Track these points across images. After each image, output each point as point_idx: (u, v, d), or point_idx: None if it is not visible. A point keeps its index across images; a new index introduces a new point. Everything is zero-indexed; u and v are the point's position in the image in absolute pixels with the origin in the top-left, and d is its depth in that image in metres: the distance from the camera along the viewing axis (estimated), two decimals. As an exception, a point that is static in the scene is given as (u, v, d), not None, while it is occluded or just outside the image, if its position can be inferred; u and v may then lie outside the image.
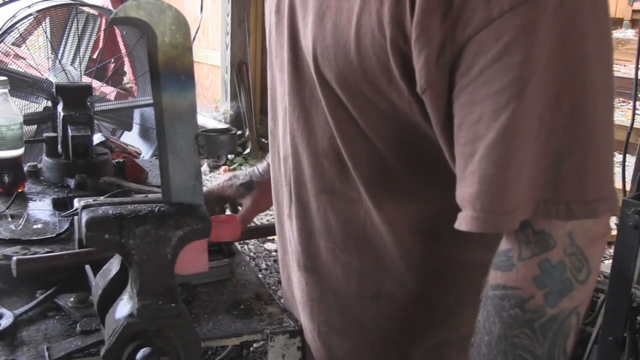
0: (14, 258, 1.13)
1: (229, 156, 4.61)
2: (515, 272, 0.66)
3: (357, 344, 0.92)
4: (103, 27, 3.34)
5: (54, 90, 1.92)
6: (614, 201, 0.65)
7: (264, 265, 3.21)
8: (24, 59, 3.20)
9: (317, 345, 0.97)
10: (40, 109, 2.85)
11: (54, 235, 1.38)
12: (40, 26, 3.08)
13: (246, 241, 3.37)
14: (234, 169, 4.58)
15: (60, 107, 1.81)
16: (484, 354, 0.70)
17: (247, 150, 4.73)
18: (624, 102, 4.94)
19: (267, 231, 2.10)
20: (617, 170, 1.54)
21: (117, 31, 3.51)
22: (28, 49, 3.20)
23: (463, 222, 0.66)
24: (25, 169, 1.74)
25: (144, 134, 3.55)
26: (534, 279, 0.65)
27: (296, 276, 0.98)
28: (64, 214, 1.48)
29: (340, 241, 0.87)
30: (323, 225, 0.88)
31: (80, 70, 3.10)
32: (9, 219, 1.49)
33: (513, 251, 0.67)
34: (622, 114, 4.72)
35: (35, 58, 3.12)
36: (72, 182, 1.67)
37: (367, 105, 0.76)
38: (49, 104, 2.67)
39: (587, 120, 0.62)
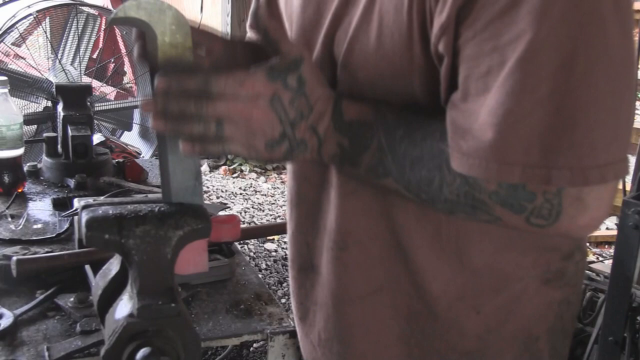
0: (14, 258, 1.13)
1: (229, 156, 4.61)
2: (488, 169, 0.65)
3: (359, 348, 0.90)
4: (103, 27, 3.35)
5: (54, 90, 1.92)
6: (624, 165, 0.63)
7: (264, 265, 3.21)
8: (24, 59, 3.20)
9: (317, 352, 0.96)
10: (40, 109, 2.85)
11: (54, 235, 1.38)
12: (40, 26, 3.08)
13: (246, 241, 3.37)
14: (234, 169, 4.58)
15: (60, 107, 1.81)
16: (427, 133, 0.70)
17: (247, 150, 4.73)
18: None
19: (267, 231, 2.11)
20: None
21: (117, 31, 3.51)
22: (28, 49, 3.20)
23: (472, 169, 0.65)
24: (25, 169, 1.74)
25: (144, 134, 3.55)
26: (500, 184, 0.65)
27: (298, 278, 0.97)
28: (64, 214, 1.48)
29: (341, 238, 0.86)
30: (326, 222, 0.87)
31: (80, 70, 3.10)
32: (9, 219, 1.49)
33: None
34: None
35: (35, 58, 3.12)
36: (72, 182, 1.67)
37: (385, 88, 0.75)
38: (49, 104, 2.67)
39: (599, 81, 0.61)
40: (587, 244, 3.18)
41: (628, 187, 1.90)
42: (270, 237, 3.45)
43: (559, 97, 0.60)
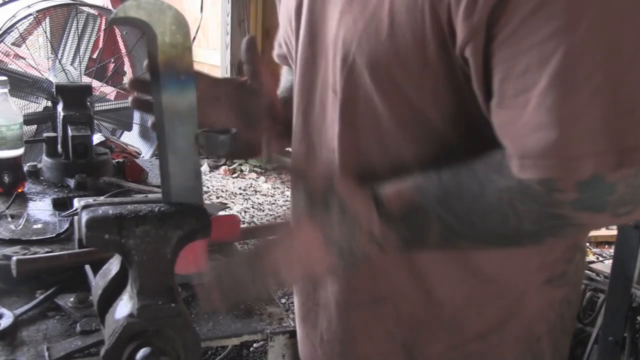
0: (14, 258, 1.13)
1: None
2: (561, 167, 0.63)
3: (361, 351, 0.89)
4: (103, 27, 3.35)
5: (54, 90, 1.92)
6: None
7: (264, 265, 3.21)
8: (24, 59, 3.20)
9: (317, 354, 0.95)
10: (40, 109, 2.85)
11: (54, 235, 1.38)
12: (40, 26, 3.08)
13: (246, 241, 3.37)
14: (234, 169, 4.58)
15: (60, 107, 1.81)
16: (481, 181, 0.67)
17: (247, 150, 4.74)
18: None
19: (267, 231, 2.11)
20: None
21: (117, 31, 3.51)
22: (28, 49, 3.20)
23: (526, 171, 0.63)
24: (25, 169, 1.74)
25: (144, 134, 3.55)
26: (578, 182, 0.62)
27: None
28: (64, 214, 1.48)
29: None
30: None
31: (80, 70, 3.11)
32: (9, 219, 1.49)
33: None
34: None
35: (35, 58, 3.12)
36: (72, 182, 1.67)
37: (395, 90, 0.72)
38: (49, 104, 2.67)
39: None
40: (587, 244, 3.18)
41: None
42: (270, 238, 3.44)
43: (614, 82, 0.60)
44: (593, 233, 3.56)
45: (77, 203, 0.86)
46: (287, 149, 0.91)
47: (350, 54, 0.74)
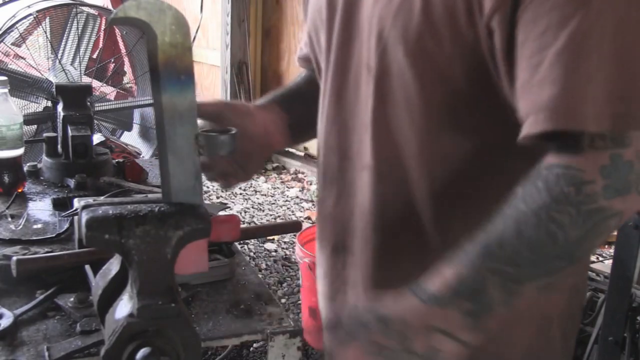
0: (14, 258, 1.13)
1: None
2: (584, 157, 0.66)
3: None
4: (103, 27, 3.35)
5: (54, 90, 1.92)
6: None
7: (264, 265, 3.22)
8: (24, 59, 3.20)
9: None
10: (40, 109, 2.85)
11: (54, 235, 1.38)
12: (40, 26, 3.08)
13: (246, 241, 3.37)
14: (234, 169, 4.58)
15: (60, 107, 1.81)
16: (512, 218, 0.69)
17: (247, 150, 4.73)
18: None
19: (267, 231, 2.11)
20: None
21: (117, 31, 3.51)
22: (28, 49, 3.20)
23: (535, 125, 0.66)
24: (25, 169, 1.73)
25: (144, 134, 3.55)
26: (601, 167, 0.65)
27: (329, 260, 0.96)
28: (64, 214, 1.48)
29: (374, 221, 0.85)
30: (361, 204, 0.87)
31: (80, 70, 3.10)
32: (9, 219, 1.49)
33: (586, 138, 0.66)
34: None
35: (35, 58, 3.12)
36: (72, 182, 1.67)
37: (426, 62, 0.76)
38: (49, 104, 2.67)
39: None
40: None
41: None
42: (270, 237, 3.45)
43: (620, 54, 0.65)
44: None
45: (77, 203, 0.86)
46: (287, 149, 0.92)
47: (385, 30, 0.77)
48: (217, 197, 4.11)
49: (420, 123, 0.79)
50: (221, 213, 1.42)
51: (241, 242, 3.14)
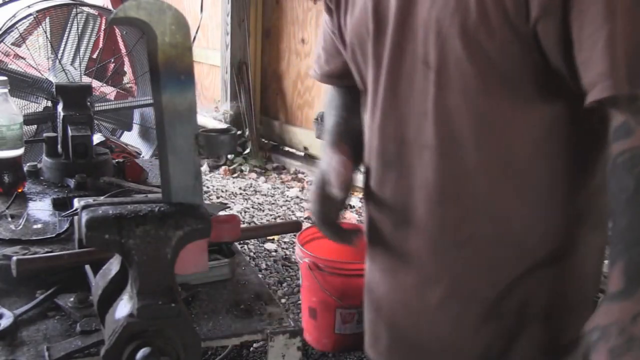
0: (14, 258, 1.13)
1: (229, 156, 4.61)
2: (637, 135, 0.80)
3: (450, 290, 1.01)
4: (103, 27, 3.34)
5: (54, 90, 1.92)
6: None
7: (264, 265, 3.22)
8: (24, 59, 3.20)
9: (408, 296, 1.06)
10: (40, 109, 2.85)
11: (54, 235, 1.38)
12: (40, 26, 3.08)
13: (246, 241, 3.38)
14: (234, 169, 4.58)
15: (60, 107, 1.81)
16: (623, 209, 0.82)
17: (247, 150, 4.72)
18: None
19: (267, 231, 2.11)
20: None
21: (117, 31, 3.51)
22: (28, 49, 3.20)
23: (601, 91, 0.80)
24: (25, 169, 1.73)
25: (144, 134, 3.55)
26: None
27: (392, 235, 1.06)
28: (64, 214, 1.48)
29: (439, 193, 0.97)
30: (423, 180, 0.98)
31: (80, 70, 3.10)
32: (9, 219, 1.49)
33: (629, 121, 0.81)
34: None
35: (35, 58, 3.11)
36: (72, 182, 1.67)
37: (481, 54, 0.89)
38: (49, 104, 2.66)
39: None
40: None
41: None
42: (270, 237, 3.45)
43: None
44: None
45: (77, 203, 0.86)
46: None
47: (443, 29, 0.90)
48: (217, 197, 4.12)
49: (476, 105, 0.92)
50: (221, 213, 1.42)
51: (241, 242, 3.14)
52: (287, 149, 4.92)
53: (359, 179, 1.17)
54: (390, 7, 0.98)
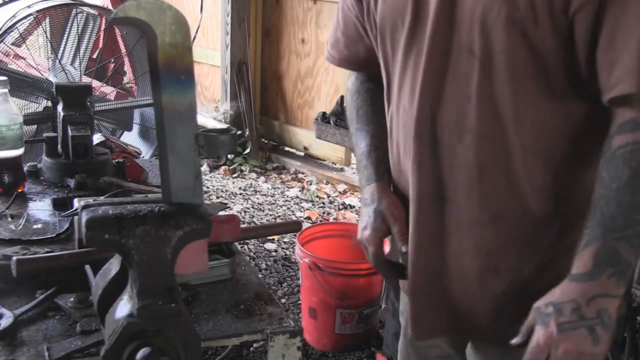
0: (14, 258, 1.13)
1: (229, 156, 4.60)
2: None
3: (487, 262, 1.06)
4: (103, 27, 3.34)
5: (54, 90, 1.91)
6: None
7: (264, 265, 3.21)
8: (24, 59, 3.20)
9: (446, 267, 1.10)
10: (40, 109, 2.84)
11: (54, 235, 1.38)
12: (40, 26, 3.08)
13: (246, 241, 3.37)
14: (234, 169, 4.57)
15: (60, 107, 1.81)
16: (611, 196, 0.89)
17: (247, 150, 4.72)
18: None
19: (267, 231, 2.11)
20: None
21: (117, 31, 3.51)
22: (28, 49, 3.20)
23: (627, 87, 0.87)
24: (25, 169, 1.73)
25: (144, 134, 3.55)
26: None
27: (429, 211, 1.09)
28: (64, 214, 1.48)
29: (478, 172, 1.02)
30: (463, 159, 1.03)
31: (80, 70, 3.10)
32: (9, 219, 1.49)
33: (638, 119, 0.88)
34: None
35: (35, 58, 3.11)
36: (72, 182, 1.67)
37: (525, 43, 0.93)
38: (49, 104, 2.66)
39: None
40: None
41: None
42: (270, 237, 3.45)
43: None
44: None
45: (77, 203, 0.86)
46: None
47: (489, 20, 0.94)
48: (217, 197, 4.12)
49: (518, 91, 0.97)
50: (221, 213, 1.42)
51: (241, 242, 3.14)
52: (287, 149, 4.92)
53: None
54: None
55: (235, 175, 4.56)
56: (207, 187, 4.24)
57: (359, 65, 1.28)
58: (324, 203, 4.09)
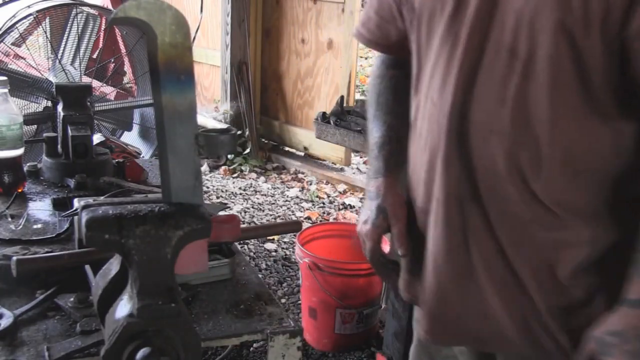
0: (14, 258, 1.13)
1: (229, 156, 4.60)
2: None
3: (512, 262, 1.02)
4: (103, 27, 3.34)
5: (54, 90, 1.91)
6: None
7: (264, 265, 3.21)
8: (24, 59, 3.20)
9: (473, 270, 1.06)
10: (40, 109, 2.84)
11: (54, 235, 1.39)
12: (40, 26, 3.08)
13: (246, 241, 3.37)
14: (234, 169, 4.57)
15: (60, 107, 1.81)
16: None
17: (247, 150, 4.72)
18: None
19: (267, 231, 2.11)
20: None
21: (117, 31, 3.51)
22: (28, 49, 3.19)
23: None
24: (25, 169, 1.73)
25: (144, 134, 3.54)
26: None
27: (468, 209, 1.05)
28: (64, 214, 1.48)
29: (504, 175, 0.99)
30: (488, 161, 1.00)
31: (80, 70, 3.10)
32: (9, 219, 1.49)
33: None
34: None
35: (35, 58, 3.11)
36: (72, 182, 1.67)
37: (572, 49, 0.90)
38: (49, 104, 2.66)
39: None
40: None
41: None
42: (270, 237, 3.45)
43: None
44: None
45: (77, 203, 0.86)
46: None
47: (538, 22, 0.90)
48: (217, 197, 4.12)
49: (557, 101, 0.93)
50: (221, 213, 1.42)
51: (241, 242, 3.14)
52: (287, 149, 4.92)
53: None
54: None
55: (235, 175, 4.56)
56: (207, 187, 4.24)
57: (388, 49, 1.24)
58: (324, 203, 4.09)
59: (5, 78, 1.60)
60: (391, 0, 1.15)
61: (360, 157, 4.92)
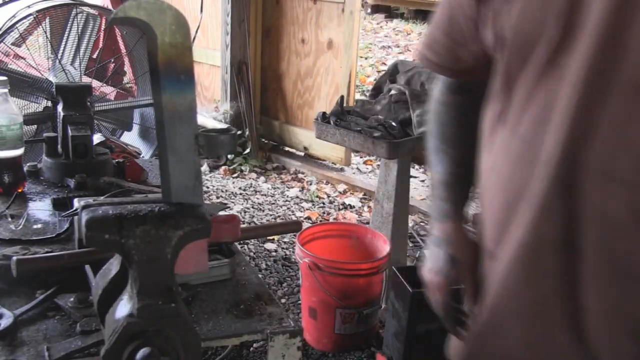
0: (14, 258, 1.13)
1: (229, 156, 4.61)
2: None
3: (615, 321, 0.91)
4: (103, 27, 3.34)
5: (54, 90, 1.91)
6: None
7: (264, 265, 3.21)
8: (24, 59, 3.19)
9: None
10: (40, 109, 2.84)
11: (54, 235, 1.39)
12: (40, 26, 3.08)
13: (246, 241, 3.37)
14: (234, 169, 4.57)
15: (60, 107, 1.81)
16: None
17: (247, 150, 4.72)
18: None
19: (267, 231, 2.11)
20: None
21: (117, 31, 3.51)
22: (28, 49, 3.19)
23: None
24: (25, 169, 1.74)
25: (144, 134, 3.54)
26: None
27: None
28: (64, 214, 1.48)
29: (617, 227, 0.88)
30: (599, 211, 0.88)
31: (80, 70, 3.10)
32: (9, 219, 1.49)
33: None
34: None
35: (35, 58, 3.11)
36: (72, 182, 1.67)
37: None
38: (49, 104, 2.66)
39: None
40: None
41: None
42: (270, 237, 3.45)
43: None
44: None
45: (77, 203, 0.86)
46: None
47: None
48: (217, 197, 4.12)
49: None
50: (221, 213, 1.42)
51: (241, 242, 3.14)
52: (287, 149, 4.92)
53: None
54: (590, 12, 0.84)
55: (235, 175, 4.56)
56: (207, 187, 4.24)
57: (456, 73, 1.12)
58: (324, 203, 4.09)
59: (5, 78, 1.60)
60: (467, 21, 1.02)
61: (360, 157, 4.92)
